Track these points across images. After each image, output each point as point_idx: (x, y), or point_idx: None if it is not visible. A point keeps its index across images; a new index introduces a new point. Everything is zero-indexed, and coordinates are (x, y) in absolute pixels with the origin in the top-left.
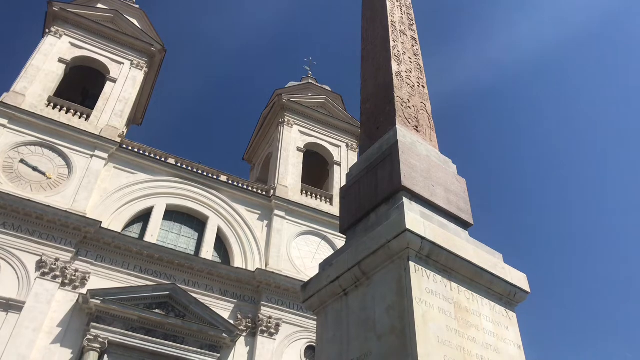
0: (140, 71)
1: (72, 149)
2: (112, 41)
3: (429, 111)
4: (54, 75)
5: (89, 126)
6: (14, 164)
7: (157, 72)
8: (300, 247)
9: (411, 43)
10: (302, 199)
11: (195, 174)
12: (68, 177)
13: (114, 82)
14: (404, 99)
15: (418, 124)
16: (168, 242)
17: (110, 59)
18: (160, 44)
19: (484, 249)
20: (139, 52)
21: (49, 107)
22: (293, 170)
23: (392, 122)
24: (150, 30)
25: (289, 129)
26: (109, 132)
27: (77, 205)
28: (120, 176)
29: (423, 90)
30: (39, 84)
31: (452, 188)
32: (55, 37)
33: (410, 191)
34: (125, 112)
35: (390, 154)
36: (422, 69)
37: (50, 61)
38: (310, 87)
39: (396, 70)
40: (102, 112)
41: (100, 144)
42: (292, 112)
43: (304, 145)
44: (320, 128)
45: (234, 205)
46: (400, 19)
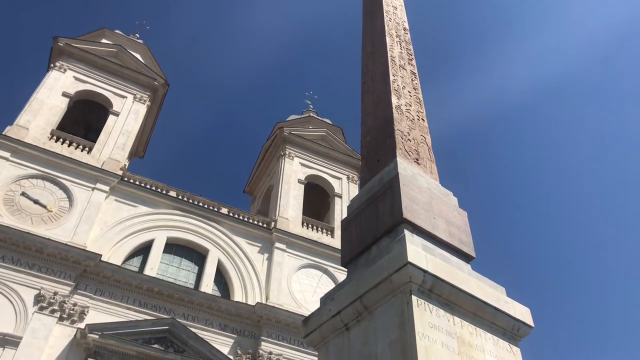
0: (143, 105)
1: (74, 181)
2: (116, 75)
3: (429, 144)
4: (58, 108)
5: (91, 159)
6: (15, 197)
7: (160, 105)
8: (301, 281)
9: (410, 77)
10: (303, 231)
11: (196, 207)
12: (69, 209)
13: (117, 115)
14: (404, 132)
15: (418, 157)
16: (168, 276)
17: (113, 93)
18: (163, 78)
19: (487, 283)
20: (142, 86)
21: (51, 140)
22: (294, 202)
23: (393, 154)
24: (154, 65)
25: (290, 161)
26: (111, 165)
27: (78, 238)
28: (121, 209)
29: (423, 123)
30: (42, 118)
31: (453, 221)
32: (59, 71)
33: (412, 224)
34: (127, 145)
35: (391, 186)
36: (421, 103)
37: (54, 95)
38: (311, 120)
39: (396, 103)
40: (105, 145)
41: (102, 177)
42: (293, 144)
43: (305, 177)
44: (321, 160)
45: (235, 238)
46: (400, 54)
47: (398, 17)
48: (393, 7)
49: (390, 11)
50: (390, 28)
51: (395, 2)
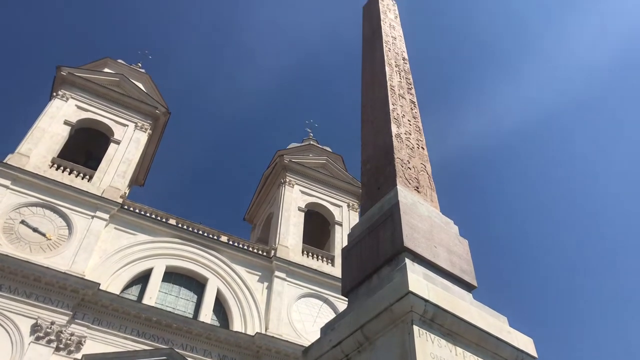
0: (144, 133)
1: (74, 209)
2: (118, 104)
3: (429, 172)
4: (59, 137)
5: (91, 187)
6: (15, 225)
7: (161, 134)
8: (301, 310)
9: (410, 106)
10: (303, 259)
11: (195, 235)
12: (68, 238)
13: (118, 143)
14: (404, 160)
15: (419, 185)
16: (167, 305)
17: (114, 121)
18: (165, 106)
19: (489, 312)
20: (144, 115)
21: (52, 168)
22: (294, 230)
23: (393, 182)
24: (155, 94)
25: (290, 188)
26: (111, 193)
27: (76, 267)
28: (120, 237)
29: (423, 151)
30: (43, 146)
31: (454, 249)
32: (62, 100)
33: (413, 252)
34: (127, 173)
35: (391, 214)
36: (421, 131)
37: (56, 123)
38: (312, 148)
39: (396, 132)
40: (105, 173)
41: (102, 205)
42: (293, 172)
43: (305, 205)
44: (321, 188)
45: (234, 267)
46: (399, 83)
47: (397, 48)
48: (392, 38)
49: (389, 42)
50: (389, 58)
51: (394, 33)
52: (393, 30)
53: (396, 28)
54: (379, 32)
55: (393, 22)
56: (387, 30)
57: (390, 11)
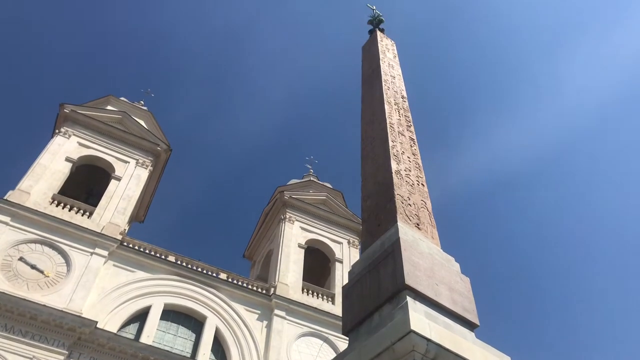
0: (145, 170)
1: (73, 246)
2: (119, 141)
3: (429, 209)
4: (60, 173)
5: (91, 223)
6: (13, 262)
7: (162, 170)
8: (301, 350)
9: (409, 143)
10: (303, 297)
11: (194, 272)
12: (66, 275)
13: (119, 180)
14: (404, 197)
15: (419, 222)
16: (164, 344)
17: (116, 158)
18: (166, 143)
19: (492, 352)
20: (145, 152)
21: (52, 204)
22: (294, 267)
23: (394, 219)
24: (157, 131)
25: (290, 225)
26: (111, 230)
27: (73, 305)
28: (119, 274)
29: (423, 188)
30: (44, 182)
31: (456, 287)
32: (64, 137)
33: (414, 290)
34: (128, 210)
35: (392, 251)
36: (421, 168)
37: (57, 160)
38: (312, 184)
39: (396, 168)
40: (105, 210)
41: (101, 242)
42: (293, 208)
43: (305, 242)
44: (321, 224)
45: (233, 305)
46: (399, 121)
47: (396, 86)
48: (391, 77)
49: (388, 80)
50: (389, 96)
51: (393, 72)
52: (392, 69)
53: (395, 67)
54: (378, 71)
55: (392, 61)
56: (386, 69)
57: (389, 51)
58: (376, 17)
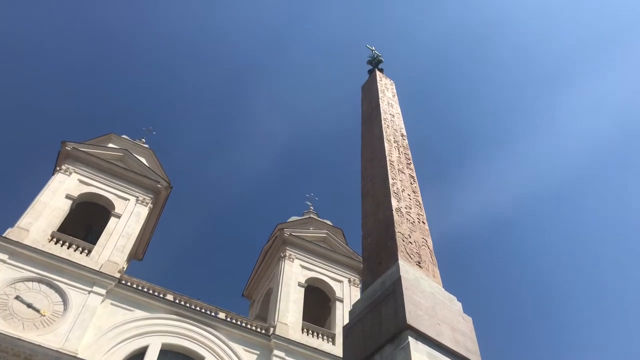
0: (145, 207)
1: (70, 284)
2: (120, 178)
3: (430, 247)
4: (60, 211)
5: (89, 261)
6: (9, 301)
7: (162, 208)
8: None
9: (409, 180)
10: (303, 338)
11: (192, 311)
12: (63, 314)
13: (118, 217)
14: (405, 235)
15: (420, 260)
16: None
17: (116, 195)
18: (167, 181)
19: None
20: (145, 189)
21: (51, 242)
22: (294, 306)
23: (394, 257)
24: (158, 168)
25: (290, 263)
26: (109, 268)
27: (69, 345)
28: (116, 313)
29: (423, 226)
30: (44, 220)
31: (458, 327)
32: (65, 174)
33: (416, 330)
34: (127, 248)
35: (393, 290)
36: (421, 206)
37: (57, 197)
38: (312, 221)
39: (396, 206)
40: (104, 248)
41: (99, 280)
42: (293, 246)
43: (305, 280)
44: (321, 262)
45: (232, 345)
46: (398, 159)
47: (395, 124)
48: (390, 115)
49: (388, 118)
50: (388, 134)
51: (392, 111)
52: (391, 107)
53: (394, 106)
54: (377, 110)
55: (391, 100)
56: (385, 108)
57: (388, 90)
58: (375, 57)
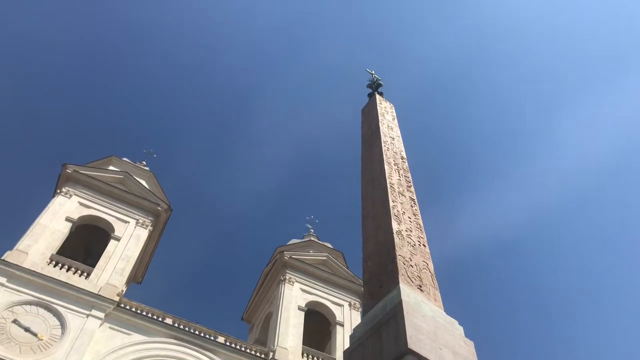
0: (145, 230)
1: (69, 308)
2: (120, 201)
3: (431, 270)
4: (60, 233)
5: (88, 284)
6: (7, 325)
7: (162, 230)
8: None
9: (410, 203)
10: None
11: (191, 335)
12: (60, 338)
13: (118, 240)
14: (406, 258)
15: (421, 283)
16: None
17: (116, 218)
18: (167, 203)
19: None
20: (146, 212)
21: (50, 265)
22: (293, 331)
23: (395, 280)
24: (158, 191)
25: (290, 286)
26: (108, 291)
27: None
28: (114, 337)
29: (424, 249)
30: (43, 242)
31: (460, 351)
32: (65, 197)
33: (417, 355)
34: (126, 270)
35: (394, 314)
36: (422, 228)
37: (57, 220)
38: (312, 244)
39: (397, 229)
40: (103, 270)
41: (98, 303)
42: (293, 269)
43: (306, 304)
44: (322, 286)
45: None
46: (399, 181)
47: (396, 147)
48: (391, 138)
49: (388, 141)
50: (388, 157)
51: (392, 133)
52: (391, 130)
53: (394, 129)
54: (377, 133)
55: (391, 123)
56: (385, 131)
57: (388, 113)
58: (375, 81)
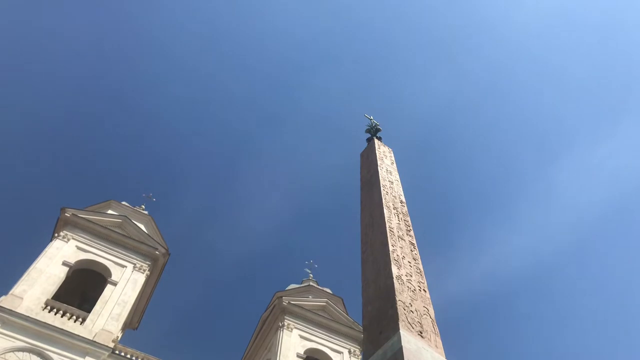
0: (142, 274)
1: (62, 354)
2: (118, 245)
3: (432, 316)
4: (56, 278)
5: (83, 330)
6: None
7: (159, 275)
8: None
9: (409, 247)
10: None
11: None
12: None
13: (115, 285)
14: (406, 303)
15: (422, 329)
16: None
17: (113, 262)
18: (165, 247)
19: None
20: (143, 256)
21: (45, 310)
22: None
23: (396, 326)
24: (157, 235)
25: (288, 332)
26: (103, 337)
27: None
28: None
29: (425, 294)
30: (39, 287)
31: None
32: (63, 240)
33: None
34: (122, 316)
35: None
36: (422, 273)
37: (54, 264)
38: (311, 289)
39: (397, 273)
40: (99, 316)
41: (92, 350)
42: (292, 315)
43: (304, 351)
44: (321, 332)
45: None
46: (398, 225)
47: (394, 191)
48: (389, 182)
49: (387, 185)
50: (387, 201)
51: (391, 178)
52: (390, 174)
53: (393, 173)
54: (376, 177)
55: (390, 167)
56: (384, 175)
57: (386, 157)
58: (373, 126)
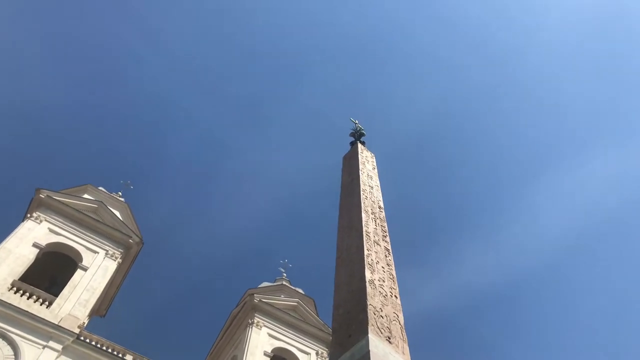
0: (114, 262)
1: (25, 337)
2: (91, 230)
3: (401, 322)
4: (25, 259)
5: (48, 314)
6: None
7: (131, 264)
8: None
9: (384, 253)
10: None
11: None
12: None
13: (85, 270)
14: (377, 308)
15: (390, 335)
16: None
17: (85, 247)
18: (139, 236)
19: None
20: (116, 243)
21: (11, 291)
22: None
23: (365, 330)
24: (131, 223)
25: (257, 330)
26: (69, 322)
27: None
28: None
29: (396, 300)
30: (6, 267)
31: None
32: (35, 222)
33: None
34: (90, 302)
35: None
36: (394, 279)
37: (24, 245)
38: (284, 288)
39: (369, 278)
40: (67, 300)
41: (56, 334)
42: (262, 313)
43: (272, 350)
44: (290, 332)
45: None
46: (375, 230)
47: (374, 196)
48: (370, 187)
49: (367, 190)
50: (366, 205)
51: (371, 183)
52: (371, 180)
53: (374, 178)
54: (357, 181)
55: (371, 172)
56: (365, 180)
57: (368, 162)
58: (358, 130)
